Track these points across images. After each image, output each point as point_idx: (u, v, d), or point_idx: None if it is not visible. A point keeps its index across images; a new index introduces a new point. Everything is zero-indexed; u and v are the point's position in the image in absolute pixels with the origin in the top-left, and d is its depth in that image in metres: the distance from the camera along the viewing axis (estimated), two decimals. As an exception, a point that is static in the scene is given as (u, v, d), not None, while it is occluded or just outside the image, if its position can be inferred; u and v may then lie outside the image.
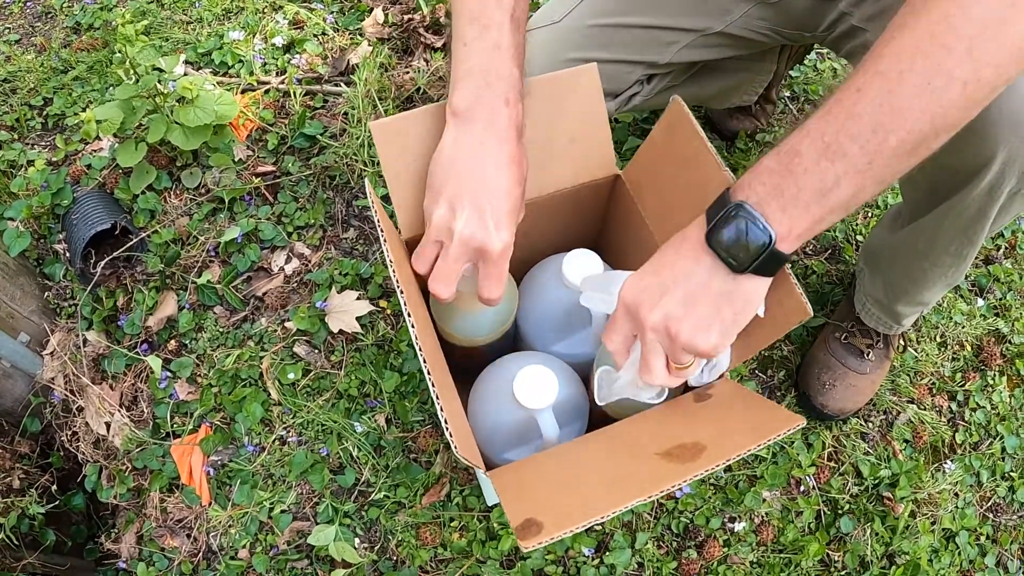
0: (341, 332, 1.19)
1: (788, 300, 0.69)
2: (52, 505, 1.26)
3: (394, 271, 0.69)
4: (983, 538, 1.18)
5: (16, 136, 1.47)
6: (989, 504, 1.21)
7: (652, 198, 0.88)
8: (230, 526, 1.12)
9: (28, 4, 1.74)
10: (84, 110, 1.48)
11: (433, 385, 0.65)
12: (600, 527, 1.09)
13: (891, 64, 0.57)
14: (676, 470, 0.65)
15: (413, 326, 0.66)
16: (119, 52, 1.24)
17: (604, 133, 0.88)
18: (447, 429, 0.62)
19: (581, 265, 0.85)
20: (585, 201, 0.95)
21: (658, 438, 0.72)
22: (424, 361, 0.65)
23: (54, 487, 1.27)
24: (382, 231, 0.71)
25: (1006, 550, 1.18)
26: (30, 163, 1.41)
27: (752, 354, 0.77)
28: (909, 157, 0.58)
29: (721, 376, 0.78)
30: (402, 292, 0.68)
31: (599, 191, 0.94)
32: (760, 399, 0.77)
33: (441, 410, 0.63)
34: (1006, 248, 1.42)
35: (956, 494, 1.19)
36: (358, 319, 1.19)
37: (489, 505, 1.09)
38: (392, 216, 0.83)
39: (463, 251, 0.72)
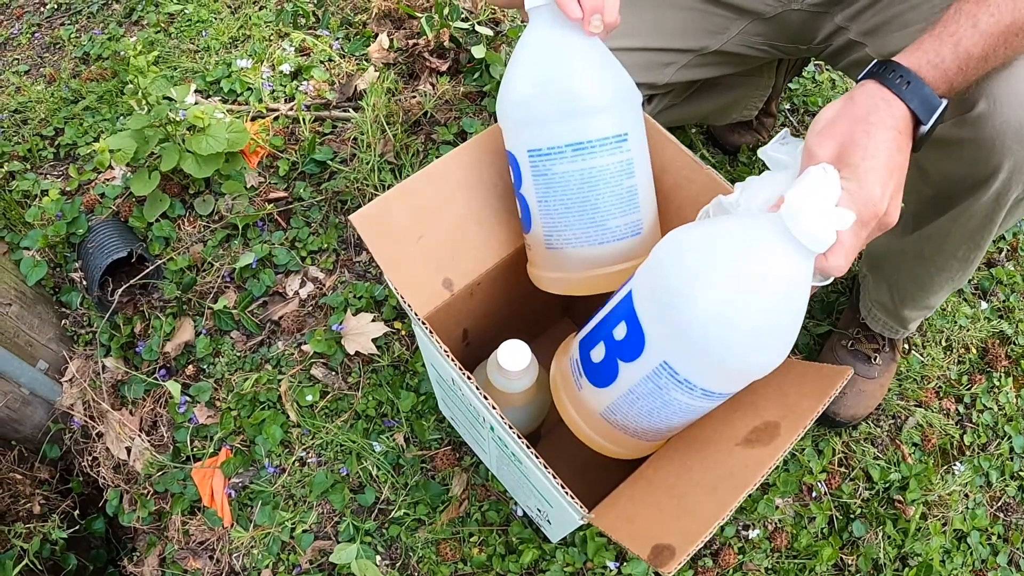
0: (358, 354, 1.22)
1: None
2: (73, 530, 1.27)
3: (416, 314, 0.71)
4: (994, 537, 1.20)
5: (29, 166, 1.50)
6: (999, 504, 1.23)
7: None
8: (252, 547, 1.13)
9: (36, 35, 1.77)
10: (95, 140, 1.51)
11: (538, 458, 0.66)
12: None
13: None
14: (765, 452, 0.66)
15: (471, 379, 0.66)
16: (131, 83, 1.27)
17: None
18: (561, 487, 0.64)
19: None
20: None
21: (730, 429, 0.73)
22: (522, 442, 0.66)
23: (76, 512, 1.29)
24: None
25: (1017, 549, 1.20)
26: (44, 193, 1.43)
27: None
28: None
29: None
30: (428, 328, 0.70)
31: None
32: (798, 363, 0.77)
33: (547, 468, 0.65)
34: (1008, 251, 1.44)
35: (966, 495, 1.21)
36: (374, 341, 1.21)
37: (554, 542, 1.09)
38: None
39: None
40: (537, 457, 0.64)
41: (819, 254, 0.58)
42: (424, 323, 0.68)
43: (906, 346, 1.30)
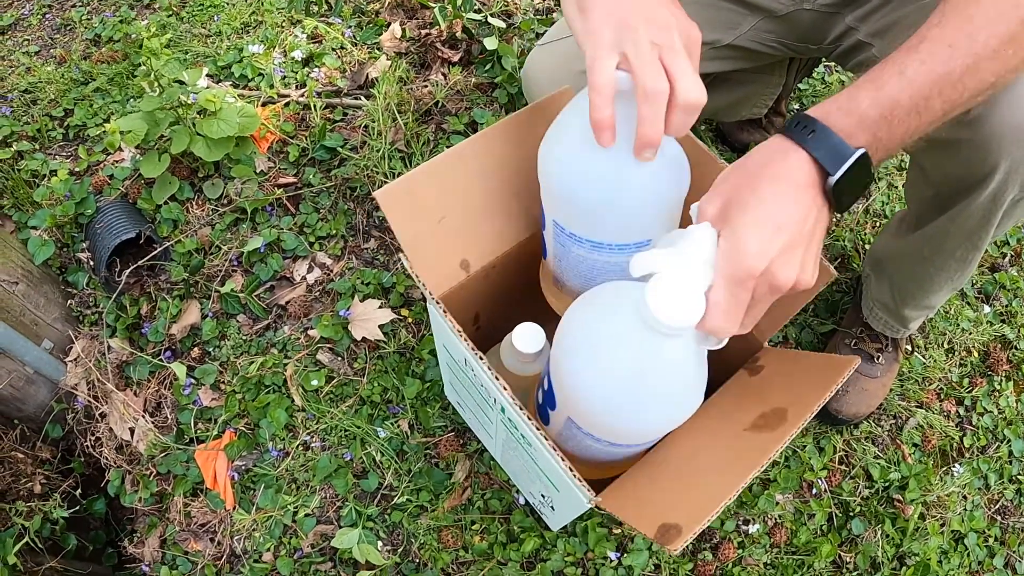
0: (364, 340, 1.22)
1: None
2: (73, 510, 1.28)
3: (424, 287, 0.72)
4: (991, 540, 1.20)
5: (38, 146, 1.50)
6: (997, 507, 1.23)
7: None
8: (254, 530, 1.14)
9: (47, 16, 1.77)
10: (105, 121, 1.51)
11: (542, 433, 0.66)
12: (620, 530, 1.11)
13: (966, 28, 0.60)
14: (772, 436, 0.67)
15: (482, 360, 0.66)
16: (144, 65, 1.27)
17: None
18: (570, 470, 0.64)
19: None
20: None
21: (739, 415, 0.74)
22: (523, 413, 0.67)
23: (78, 491, 1.29)
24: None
25: (1014, 552, 1.21)
26: (53, 173, 1.43)
27: (786, 320, 0.80)
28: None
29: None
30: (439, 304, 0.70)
31: None
32: (805, 354, 0.79)
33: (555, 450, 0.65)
34: (1012, 256, 1.45)
35: (964, 497, 1.22)
36: (380, 327, 1.22)
37: (554, 530, 1.10)
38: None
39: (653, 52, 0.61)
40: (547, 439, 0.65)
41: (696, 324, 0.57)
42: (438, 302, 0.69)
43: (908, 347, 1.31)
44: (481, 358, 0.68)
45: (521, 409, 0.66)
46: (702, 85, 0.61)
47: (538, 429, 0.65)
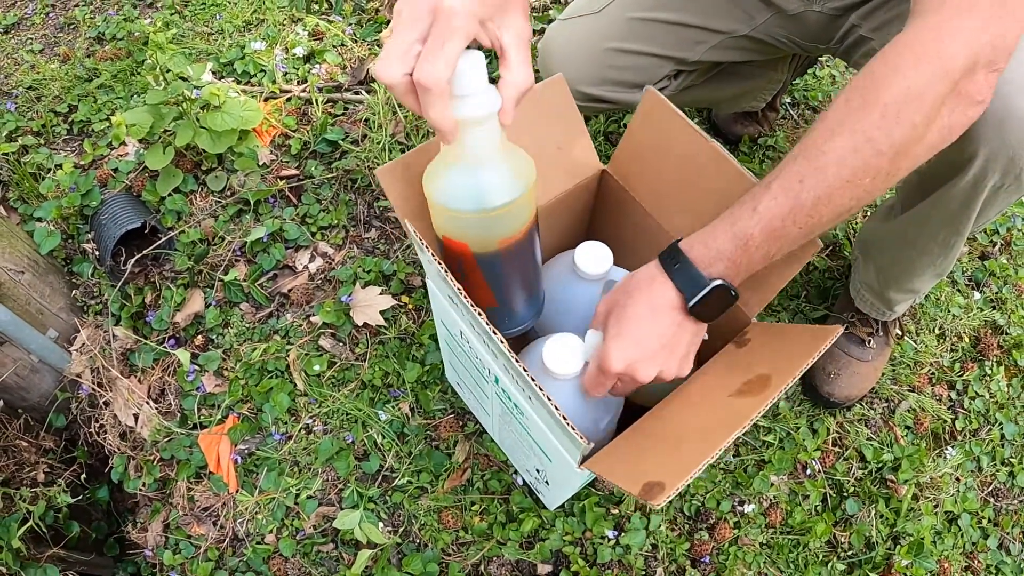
0: (365, 325, 1.24)
1: None
2: (77, 499, 1.29)
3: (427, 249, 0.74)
4: (985, 521, 1.22)
5: (42, 141, 1.52)
6: (990, 489, 1.25)
7: (644, 185, 0.94)
8: (257, 512, 1.15)
9: (50, 15, 1.80)
10: (109, 116, 1.53)
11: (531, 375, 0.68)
12: (617, 510, 1.13)
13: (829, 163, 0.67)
14: (755, 401, 0.70)
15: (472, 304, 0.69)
16: (150, 59, 1.30)
17: (584, 134, 0.93)
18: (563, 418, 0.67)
19: (594, 256, 0.90)
20: (578, 200, 1.01)
21: (724, 383, 0.77)
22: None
23: (83, 477, 1.30)
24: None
25: (1007, 533, 1.23)
26: (58, 167, 1.46)
27: (772, 295, 0.83)
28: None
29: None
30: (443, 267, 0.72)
31: (589, 188, 1.00)
32: (791, 326, 0.83)
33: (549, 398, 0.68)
34: (1001, 244, 1.48)
35: (957, 479, 1.24)
36: (381, 313, 1.24)
37: (551, 508, 1.12)
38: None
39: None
40: (542, 390, 0.67)
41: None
42: (440, 263, 0.71)
43: (899, 332, 1.33)
44: (480, 314, 0.70)
45: (518, 361, 0.67)
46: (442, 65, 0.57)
47: (533, 380, 0.67)
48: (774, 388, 0.70)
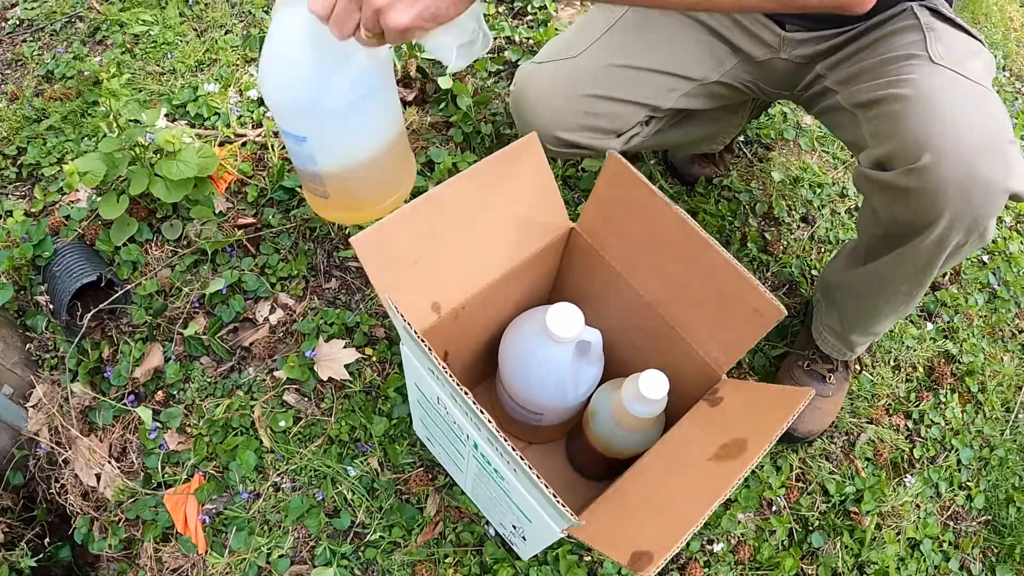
0: (330, 380, 1.23)
1: (763, 304, 0.80)
2: (37, 558, 1.26)
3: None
4: (946, 544, 1.26)
5: (-9, 187, 1.48)
6: (949, 513, 1.29)
7: (614, 243, 0.95)
8: (228, 573, 1.14)
9: (-4, 53, 1.74)
10: (59, 160, 1.50)
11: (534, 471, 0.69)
12: (590, 555, 1.14)
13: None
14: (734, 466, 0.71)
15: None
16: (103, 105, 1.26)
17: (555, 193, 0.94)
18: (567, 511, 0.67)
19: (566, 319, 0.90)
20: (547, 260, 1.02)
21: (701, 447, 0.78)
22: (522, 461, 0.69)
23: (46, 540, 1.27)
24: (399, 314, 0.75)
25: (967, 554, 1.27)
26: (8, 214, 1.41)
27: (740, 355, 0.86)
28: None
29: (477, 59, 0.87)
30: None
31: (558, 246, 1.01)
32: (763, 386, 0.86)
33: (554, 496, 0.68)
34: (951, 274, 1.52)
35: (917, 505, 1.27)
36: (346, 366, 1.23)
37: (525, 559, 1.12)
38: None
39: None
40: (531, 469, 0.67)
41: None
42: (423, 340, 0.71)
43: (857, 366, 1.36)
44: (467, 393, 0.70)
45: (504, 439, 0.68)
46: None
47: (522, 459, 0.67)
48: (751, 454, 0.72)
